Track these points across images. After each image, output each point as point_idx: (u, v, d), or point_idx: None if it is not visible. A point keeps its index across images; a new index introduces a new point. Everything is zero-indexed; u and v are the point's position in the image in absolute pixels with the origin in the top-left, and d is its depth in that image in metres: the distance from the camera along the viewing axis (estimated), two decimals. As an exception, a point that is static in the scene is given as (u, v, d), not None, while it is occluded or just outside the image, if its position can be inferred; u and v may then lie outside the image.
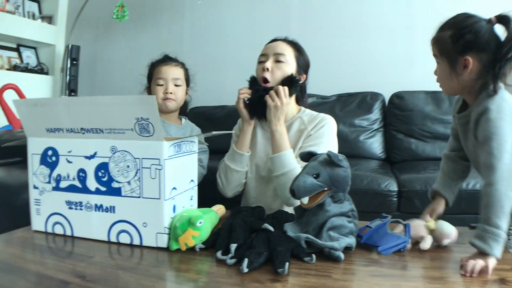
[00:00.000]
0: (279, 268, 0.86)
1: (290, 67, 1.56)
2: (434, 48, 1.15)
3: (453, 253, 1.05)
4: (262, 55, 1.60)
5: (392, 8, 3.38)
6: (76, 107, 1.08)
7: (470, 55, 1.05)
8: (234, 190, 1.64)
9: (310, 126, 1.58)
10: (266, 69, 1.53)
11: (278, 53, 1.55)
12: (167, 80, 1.79)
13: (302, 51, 1.62)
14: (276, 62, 1.55)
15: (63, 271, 0.89)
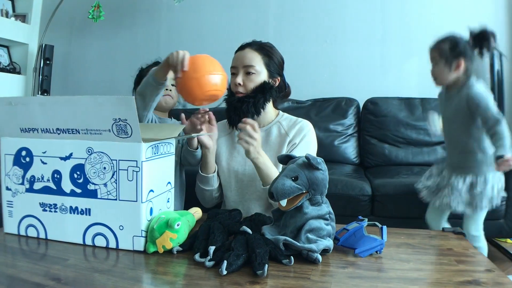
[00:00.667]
0: (258, 270, 0.86)
1: (261, 75, 1.57)
2: (435, 53, 1.90)
3: (429, 256, 1.07)
4: (232, 67, 1.60)
5: (368, 16, 3.44)
6: (52, 107, 1.05)
7: (461, 59, 1.83)
8: (210, 203, 1.69)
9: (291, 132, 1.60)
10: (238, 84, 1.55)
11: (247, 65, 1.55)
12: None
13: (272, 54, 1.61)
14: (246, 75, 1.56)
15: (37, 274, 0.87)
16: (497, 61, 3.14)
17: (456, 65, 1.82)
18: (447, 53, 1.83)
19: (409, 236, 1.25)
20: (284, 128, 1.62)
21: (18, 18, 3.89)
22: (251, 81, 1.55)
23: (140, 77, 1.86)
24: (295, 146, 1.58)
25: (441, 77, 1.88)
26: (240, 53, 1.59)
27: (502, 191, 1.90)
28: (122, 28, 3.91)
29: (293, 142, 1.59)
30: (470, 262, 1.02)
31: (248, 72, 1.55)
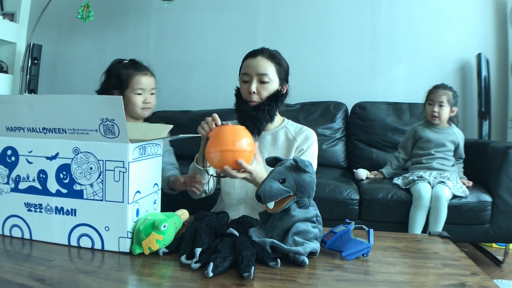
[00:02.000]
0: (245, 272, 0.85)
1: (274, 84, 1.60)
2: (444, 97, 2.51)
3: (415, 259, 1.08)
4: (244, 74, 1.61)
5: (357, 21, 3.47)
6: (39, 106, 1.04)
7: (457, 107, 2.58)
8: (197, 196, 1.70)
9: (298, 138, 1.66)
10: (253, 93, 1.57)
11: (261, 74, 1.57)
12: (145, 90, 1.83)
13: (281, 62, 1.64)
14: (260, 83, 1.58)
15: (21, 275, 0.86)
16: (484, 67, 3.18)
17: (453, 110, 2.55)
18: (452, 100, 2.51)
19: (396, 240, 1.26)
20: (291, 133, 1.68)
21: (6, 17, 3.84)
22: (265, 90, 1.59)
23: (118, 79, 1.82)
24: (303, 152, 1.63)
25: (444, 118, 2.53)
26: (253, 61, 1.60)
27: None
28: (111, 29, 3.88)
29: (300, 148, 1.64)
30: (456, 266, 1.03)
31: (262, 80, 1.58)
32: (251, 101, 1.59)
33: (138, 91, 1.81)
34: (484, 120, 3.18)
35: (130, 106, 1.81)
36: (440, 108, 2.50)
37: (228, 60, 3.61)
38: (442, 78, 3.23)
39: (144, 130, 1.21)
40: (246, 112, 1.59)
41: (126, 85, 1.81)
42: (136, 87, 1.80)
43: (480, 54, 3.20)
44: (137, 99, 1.81)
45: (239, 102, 1.65)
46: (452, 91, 2.52)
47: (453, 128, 2.57)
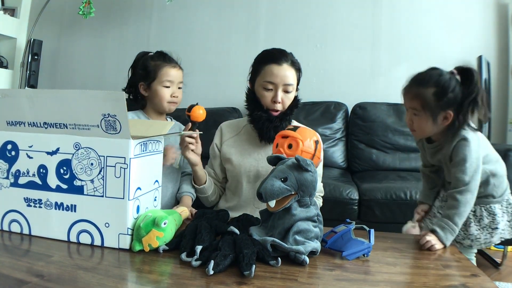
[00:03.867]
0: (246, 270, 0.85)
1: (294, 91, 1.59)
2: (416, 103, 1.35)
3: (415, 260, 1.07)
4: (269, 82, 1.54)
5: (358, 21, 3.46)
6: (40, 100, 1.04)
7: (450, 110, 1.30)
8: (208, 205, 1.71)
9: None
10: (278, 102, 1.54)
11: (288, 84, 1.54)
12: (174, 83, 1.73)
13: (300, 68, 1.62)
14: (284, 92, 1.55)
15: (20, 270, 0.86)
16: (485, 69, 3.18)
17: (443, 117, 1.32)
18: (433, 103, 1.30)
19: (396, 240, 1.25)
20: None
21: (7, 12, 3.83)
22: (288, 99, 1.56)
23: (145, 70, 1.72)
24: None
25: (423, 130, 1.38)
26: (280, 70, 1.53)
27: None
28: (112, 26, 3.87)
29: None
30: (456, 267, 1.03)
31: (287, 90, 1.55)
32: (273, 110, 1.55)
33: (166, 83, 1.71)
34: (484, 123, 3.17)
35: (157, 99, 1.72)
36: (411, 118, 1.40)
37: (229, 59, 3.61)
38: (442, 80, 3.24)
39: (145, 126, 1.21)
40: (270, 121, 1.55)
41: (154, 77, 1.71)
42: (164, 79, 1.70)
43: (481, 56, 3.19)
44: (165, 92, 1.71)
45: (256, 107, 1.58)
46: (433, 85, 1.30)
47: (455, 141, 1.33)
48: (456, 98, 1.29)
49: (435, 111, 1.30)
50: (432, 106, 1.30)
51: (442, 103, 1.29)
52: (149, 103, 1.76)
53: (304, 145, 1.30)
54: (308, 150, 1.29)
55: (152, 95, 1.71)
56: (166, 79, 1.70)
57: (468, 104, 1.29)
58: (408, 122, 1.42)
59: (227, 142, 1.68)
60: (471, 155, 1.30)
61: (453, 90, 1.28)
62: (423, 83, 1.33)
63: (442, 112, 1.30)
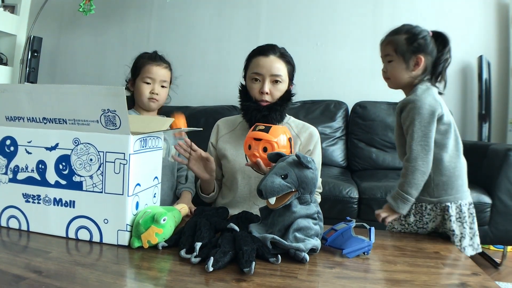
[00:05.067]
0: (245, 267, 0.84)
1: (285, 84, 1.59)
2: (388, 48, 1.42)
3: (416, 258, 1.07)
4: (256, 73, 1.56)
5: (359, 20, 3.45)
6: (39, 95, 1.03)
7: (421, 55, 1.35)
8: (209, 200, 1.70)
9: (302, 136, 1.64)
10: (266, 93, 1.55)
11: (275, 74, 1.55)
12: (155, 81, 1.78)
13: (291, 62, 1.63)
14: (272, 83, 1.56)
15: (18, 266, 0.85)
16: (485, 69, 3.17)
17: (415, 62, 1.36)
18: (405, 47, 1.37)
19: (396, 239, 1.25)
20: (293, 130, 1.65)
21: (7, 9, 3.83)
22: (277, 90, 1.57)
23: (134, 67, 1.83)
24: (310, 153, 1.62)
25: (397, 77, 1.41)
26: (266, 60, 1.56)
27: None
28: (112, 23, 3.87)
29: (307, 148, 1.62)
30: (457, 266, 1.03)
31: (276, 80, 1.56)
32: (262, 100, 1.56)
33: (147, 79, 1.77)
34: (484, 122, 3.17)
35: (137, 95, 1.79)
36: (386, 66, 1.45)
37: (229, 57, 3.60)
38: (443, 79, 3.23)
39: (145, 122, 1.20)
40: (258, 111, 1.55)
41: (138, 73, 1.80)
42: (145, 75, 1.77)
43: (481, 56, 3.19)
44: (144, 87, 1.77)
45: (246, 100, 1.59)
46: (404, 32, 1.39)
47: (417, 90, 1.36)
48: (426, 46, 1.36)
49: (406, 54, 1.37)
50: (404, 50, 1.37)
51: (413, 48, 1.36)
52: (136, 100, 1.82)
53: (279, 146, 1.31)
54: (283, 150, 1.28)
55: (135, 91, 1.80)
56: (147, 75, 1.77)
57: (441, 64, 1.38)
58: (383, 72, 1.47)
59: (223, 138, 1.68)
60: (420, 118, 1.30)
61: (423, 38, 1.36)
62: (396, 31, 1.42)
63: (413, 56, 1.36)
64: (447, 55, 1.39)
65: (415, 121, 1.29)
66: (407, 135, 1.33)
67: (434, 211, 1.34)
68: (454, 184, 1.34)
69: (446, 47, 1.39)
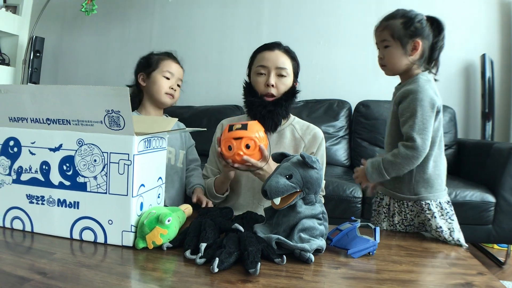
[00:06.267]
0: (251, 268, 0.84)
1: (290, 79, 1.58)
2: (385, 34, 1.38)
3: (421, 258, 1.06)
4: (261, 66, 1.56)
5: (362, 19, 3.45)
6: (43, 96, 1.03)
7: (418, 39, 1.33)
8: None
9: (305, 138, 1.62)
10: (271, 86, 1.53)
11: (280, 68, 1.54)
12: (174, 77, 1.75)
13: (296, 58, 1.62)
14: (278, 76, 1.55)
15: (22, 267, 0.85)
16: (489, 68, 3.16)
17: (412, 46, 1.34)
18: (401, 31, 1.34)
19: (401, 238, 1.25)
20: (298, 132, 1.63)
21: (9, 9, 3.83)
22: (283, 84, 1.55)
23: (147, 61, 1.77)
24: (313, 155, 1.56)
25: (393, 62, 1.36)
26: (271, 54, 1.56)
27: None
28: (114, 23, 3.87)
29: (310, 150, 1.61)
30: (462, 265, 1.02)
31: (281, 74, 1.55)
32: (267, 94, 1.54)
33: (167, 74, 1.73)
34: (488, 121, 3.16)
35: (155, 88, 1.72)
36: (382, 52, 1.41)
37: (232, 56, 3.60)
38: (446, 78, 3.22)
39: (149, 123, 1.20)
40: (263, 107, 1.53)
41: (155, 67, 1.74)
42: (165, 69, 1.73)
43: (484, 55, 3.18)
44: (164, 81, 1.72)
45: (251, 96, 1.58)
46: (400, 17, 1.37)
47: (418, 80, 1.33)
48: (423, 30, 1.34)
49: (404, 39, 1.34)
50: (401, 34, 1.34)
51: (410, 32, 1.33)
52: (146, 97, 1.76)
53: (260, 141, 1.35)
54: (263, 143, 1.35)
55: (150, 84, 1.73)
56: (167, 69, 1.73)
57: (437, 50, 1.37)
58: (379, 59, 1.43)
59: None
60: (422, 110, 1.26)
61: (420, 22, 1.34)
62: (392, 16, 1.39)
63: (410, 40, 1.34)
64: (442, 42, 1.38)
65: (417, 113, 1.26)
66: (405, 125, 1.28)
67: (415, 208, 1.34)
68: (434, 183, 1.33)
69: (441, 33, 1.38)
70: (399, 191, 1.36)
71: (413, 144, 1.24)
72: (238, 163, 1.37)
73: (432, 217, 1.29)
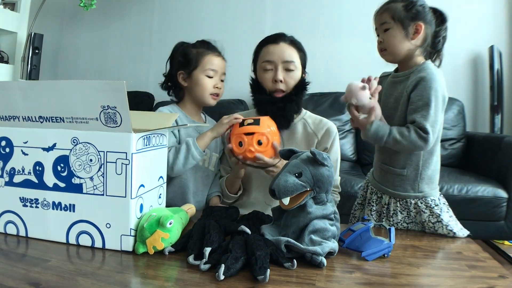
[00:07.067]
0: (259, 275, 0.78)
1: (298, 72, 1.51)
2: (385, 16, 1.29)
3: (438, 260, 1.01)
4: (267, 61, 1.49)
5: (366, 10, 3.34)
6: (35, 93, 0.96)
7: (421, 22, 1.26)
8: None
9: (319, 133, 1.55)
10: (280, 81, 1.46)
11: (287, 61, 1.47)
12: (217, 74, 1.59)
13: (302, 49, 1.56)
14: (285, 71, 1.48)
15: (14, 277, 0.79)
16: (497, 60, 3.09)
17: (414, 29, 1.26)
18: (402, 13, 1.26)
19: (415, 238, 1.19)
20: (310, 126, 1.56)
21: (7, 6, 3.77)
22: (291, 78, 1.48)
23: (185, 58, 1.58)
24: (327, 150, 1.53)
25: (394, 45, 1.29)
26: (276, 47, 1.49)
27: None
28: (113, 17, 3.81)
29: (323, 145, 1.53)
30: (482, 267, 0.96)
31: (289, 68, 1.48)
32: (276, 90, 1.47)
33: (210, 72, 1.56)
34: (497, 114, 3.10)
35: (198, 90, 1.57)
36: (385, 34, 1.31)
37: (234, 50, 3.50)
38: (453, 70, 3.16)
39: (148, 118, 1.13)
40: (273, 104, 1.46)
41: (196, 65, 1.56)
42: (207, 67, 1.55)
43: (492, 46, 3.12)
44: (207, 82, 1.56)
45: (259, 94, 1.51)
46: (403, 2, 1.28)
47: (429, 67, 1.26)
48: (426, 14, 1.27)
49: (405, 21, 1.26)
50: (402, 16, 1.26)
51: (412, 14, 1.26)
52: (187, 96, 1.62)
53: (273, 136, 1.32)
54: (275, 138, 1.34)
55: (193, 85, 1.57)
56: (210, 67, 1.56)
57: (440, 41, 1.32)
58: (378, 43, 1.36)
59: None
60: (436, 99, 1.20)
61: (422, 5, 1.27)
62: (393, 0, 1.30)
63: (412, 23, 1.26)
64: (445, 32, 1.32)
65: (431, 103, 1.18)
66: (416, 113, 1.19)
67: (419, 205, 1.28)
68: (434, 179, 1.30)
69: (444, 23, 1.32)
70: (401, 190, 1.30)
71: (427, 136, 1.16)
72: (249, 160, 1.32)
73: (441, 212, 1.25)
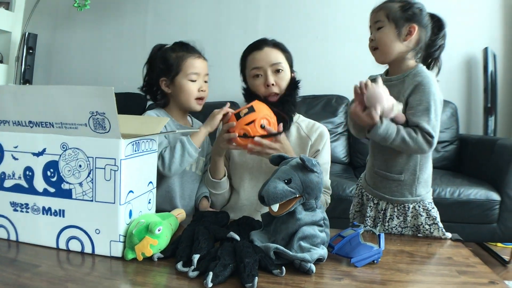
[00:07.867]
0: (247, 283, 0.78)
1: (287, 72, 1.53)
2: (380, 14, 1.27)
3: (428, 265, 1.01)
4: (255, 68, 1.50)
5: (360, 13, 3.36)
6: (25, 97, 0.96)
7: (415, 24, 1.24)
8: (221, 207, 1.61)
9: (312, 136, 1.57)
10: (272, 85, 1.48)
11: (274, 63, 1.49)
12: (200, 76, 1.55)
13: (286, 50, 1.57)
14: (275, 73, 1.49)
15: (5, 283, 0.79)
16: (491, 62, 3.10)
17: (407, 30, 1.24)
18: (397, 13, 1.24)
19: (405, 243, 1.19)
20: (304, 130, 1.58)
21: (1, 5, 3.76)
22: (282, 80, 1.50)
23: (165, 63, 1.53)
24: (319, 152, 1.56)
25: (385, 44, 1.26)
26: (261, 53, 1.51)
27: None
28: (107, 18, 3.80)
29: (315, 148, 1.56)
30: (472, 273, 0.96)
31: (277, 70, 1.49)
32: (270, 94, 1.49)
33: (193, 76, 1.51)
34: (490, 116, 3.11)
35: (182, 95, 1.52)
36: (378, 32, 1.29)
37: (227, 52, 3.51)
38: (447, 72, 3.13)
39: (137, 124, 1.13)
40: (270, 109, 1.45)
41: (178, 70, 1.51)
42: (190, 71, 1.51)
43: (486, 48, 3.12)
44: (191, 86, 1.51)
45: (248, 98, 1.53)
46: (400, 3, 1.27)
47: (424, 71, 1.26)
48: (422, 17, 1.26)
49: (399, 21, 1.24)
50: (397, 16, 1.24)
51: (407, 15, 1.24)
52: (172, 101, 1.58)
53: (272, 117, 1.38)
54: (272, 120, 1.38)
55: (177, 92, 1.53)
56: (192, 71, 1.52)
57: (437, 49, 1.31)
58: (369, 41, 1.32)
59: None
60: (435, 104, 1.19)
61: (419, 8, 1.26)
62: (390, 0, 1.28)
63: (406, 24, 1.24)
64: (442, 41, 1.31)
65: (431, 108, 1.18)
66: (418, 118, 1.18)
67: (416, 209, 1.29)
68: (428, 182, 1.31)
69: (441, 31, 1.31)
70: (399, 195, 1.30)
71: (432, 140, 1.17)
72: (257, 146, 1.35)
73: (437, 214, 1.27)
